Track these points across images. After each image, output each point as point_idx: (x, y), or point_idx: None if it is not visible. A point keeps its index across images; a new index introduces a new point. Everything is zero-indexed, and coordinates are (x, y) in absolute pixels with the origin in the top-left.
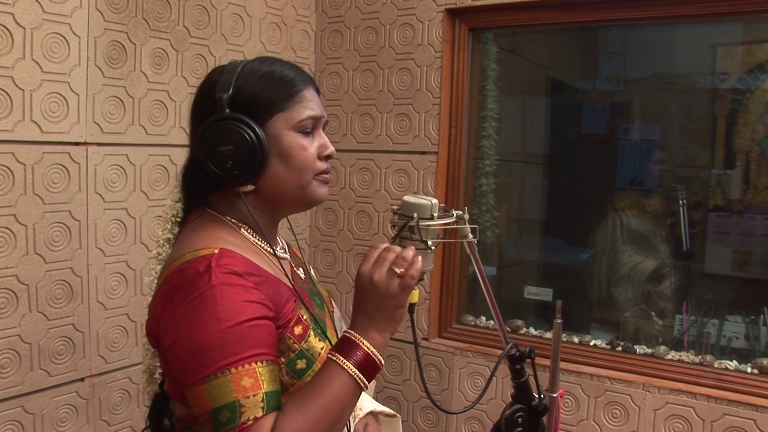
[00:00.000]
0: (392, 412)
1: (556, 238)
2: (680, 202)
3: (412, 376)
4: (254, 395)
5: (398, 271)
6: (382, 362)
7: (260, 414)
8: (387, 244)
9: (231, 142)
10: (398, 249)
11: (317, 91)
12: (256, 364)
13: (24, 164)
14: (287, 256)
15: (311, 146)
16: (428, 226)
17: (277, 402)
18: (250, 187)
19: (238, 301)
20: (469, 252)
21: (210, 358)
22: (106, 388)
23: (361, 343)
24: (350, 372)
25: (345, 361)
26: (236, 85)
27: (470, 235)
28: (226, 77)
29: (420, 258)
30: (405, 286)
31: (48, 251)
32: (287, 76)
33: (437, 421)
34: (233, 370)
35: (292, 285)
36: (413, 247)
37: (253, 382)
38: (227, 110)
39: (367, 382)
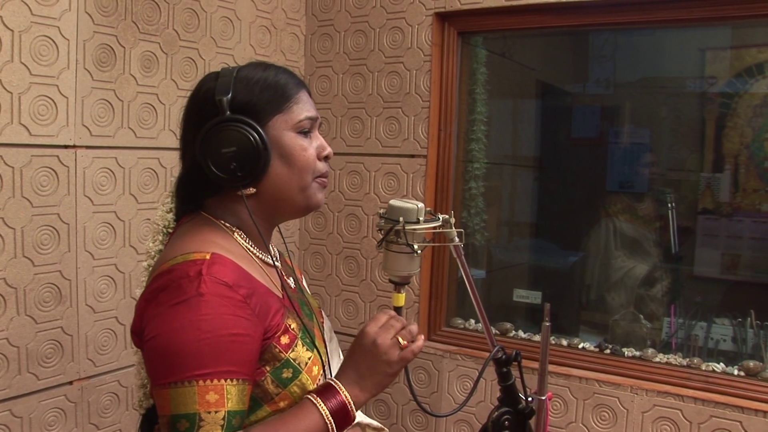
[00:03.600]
0: (380, 425)
1: (546, 242)
2: (669, 205)
3: (401, 379)
4: (216, 412)
5: (402, 342)
6: (355, 418)
7: (218, 431)
8: (396, 314)
9: (234, 143)
10: (404, 321)
11: (309, 93)
12: (226, 381)
13: (12, 167)
14: (278, 264)
15: (311, 147)
16: (414, 230)
17: (238, 422)
18: (252, 190)
19: (223, 313)
20: (455, 256)
21: (181, 365)
22: (95, 391)
23: (341, 392)
24: (323, 414)
25: (321, 403)
26: (234, 89)
27: (456, 239)
28: (224, 81)
29: (422, 336)
30: (403, 358)
31: (36, 254)
32: (281, 80)
33: (426, 423)
34: (201, 382)
35: (282, 294)
36: (416, 325)
37: (218, 398)
38: (228, 112)
39: (336, 431)
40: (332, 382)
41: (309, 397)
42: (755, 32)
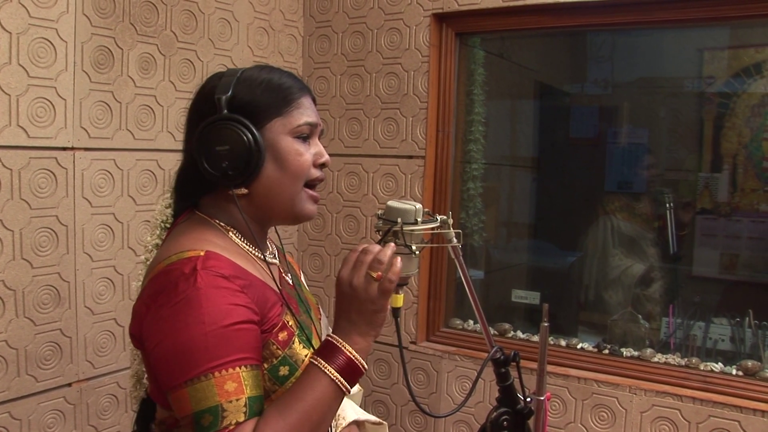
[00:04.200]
0: (378, 419)
1: (545, 242)
2: (667, 205)
3: (400, 380)
4: (237, 400)
5: (374, 275)
6: (365, 367)
7: (242, 419)
8: (365, 246)
9: (227, 142)
10: (376, 249)
11: (314, 100)
12: (240, 368)
13: (11, 169)
14: (276, 261)
15: (307, 152)
16: (412, 230)
17: (259, 407)
18: (244, 191)
19: (224, 304)
20: (453, 256)
21: (194, 361)
22: (94, 393)
23: (343, 348)
24: (332, 377)
25: (327, 365)
26: (235, 89)
27: (454, 240)
28: (226, 81)
29: (399, 259)
30: (384, 290)
31: (35, 256)
32: (285, 83)
33: (425, 424)
34: (217, 373)
35: (279, 290)
36: (392, 246)
37: (236, 386)
38: (225, 111)
39: (349, 387)
40: (331, 338)
41: (314, 361)
42: (753, 32)
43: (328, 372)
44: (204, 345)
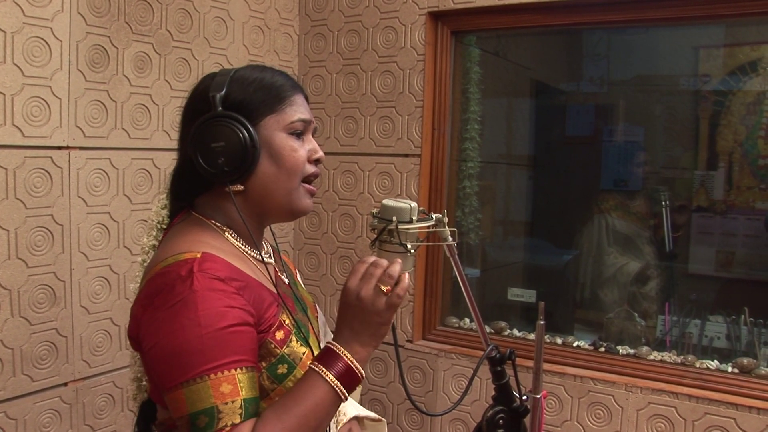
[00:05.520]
0: (378, 416)
1: (540, 240)
2: (663, 203)
3: (396, 378)
4: (233, 401)
5: (384, 288)
6: (363, 375)
7: (238, 420)
8: (375, 258)
9: (223, 139)
10: (385, 263)
11: (306, 98)
12: (236, 370)
13: (6, 169)
14: (272, 261)
15: (301, 149)
16: (407, 229)
17: (255, 409)
18: (240, 187)
19: (220, 306)
20: (449, 255)
21: (189, 363)
22: (90, 392)
23: (343, 355)
24: (331, 383)
25: (326, 371)
26: (228, 87)
27: (450, 238)
28: (220, 79)
29: (407, 275)
30: (390, 305)
31: (30, 256)
32: (277, 81)
33: (422, 422)
34: (212, 375)
35: (276, 290)
36: (400, 262)
37: (231, 388)
38: (220, 109)
39: (347, 393)
40: (331, 346)
41: (313, 366)
42: (748, 30)
43: (327, 378)
44: (200, 347)
